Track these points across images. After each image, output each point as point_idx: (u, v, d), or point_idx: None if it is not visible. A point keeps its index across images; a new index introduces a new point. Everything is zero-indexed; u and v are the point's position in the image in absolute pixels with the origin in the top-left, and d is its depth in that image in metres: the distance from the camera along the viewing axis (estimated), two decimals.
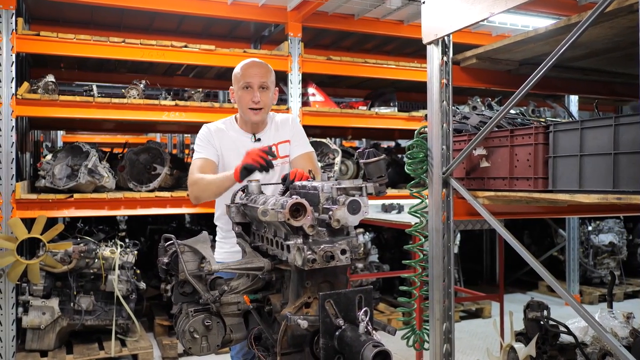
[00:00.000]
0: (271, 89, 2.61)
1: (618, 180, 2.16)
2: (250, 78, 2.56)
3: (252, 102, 2.55)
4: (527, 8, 4.75)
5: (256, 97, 2.54)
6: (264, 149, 2.27)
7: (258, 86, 2.55)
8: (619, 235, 6.81)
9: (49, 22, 5.51)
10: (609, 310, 3.23)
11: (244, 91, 2.57)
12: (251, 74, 2.57)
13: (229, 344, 2.01)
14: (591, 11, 1.96)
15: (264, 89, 2.57)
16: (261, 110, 2.57)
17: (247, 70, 2.58)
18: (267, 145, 2.49)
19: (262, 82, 2.56)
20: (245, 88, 2.57)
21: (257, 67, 2.60)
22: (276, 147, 2.61)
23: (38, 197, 4.22)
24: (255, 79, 2.56)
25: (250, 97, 2.55)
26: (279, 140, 2.66)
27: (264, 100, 2.57)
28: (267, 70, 2.61)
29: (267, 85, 2.58)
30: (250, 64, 2.62)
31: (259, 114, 2.58)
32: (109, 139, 10.83)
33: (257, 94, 2.54)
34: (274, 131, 2.68)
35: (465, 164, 3.02)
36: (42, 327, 4.19)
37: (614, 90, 3.55)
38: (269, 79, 2.59)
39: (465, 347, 4.88)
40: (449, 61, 2.88)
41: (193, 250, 1.97)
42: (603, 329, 2.03)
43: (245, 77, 2.57)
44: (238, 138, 2.64)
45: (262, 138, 2.65)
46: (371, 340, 1.51)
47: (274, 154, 2.37)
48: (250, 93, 2.55)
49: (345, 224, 1.67)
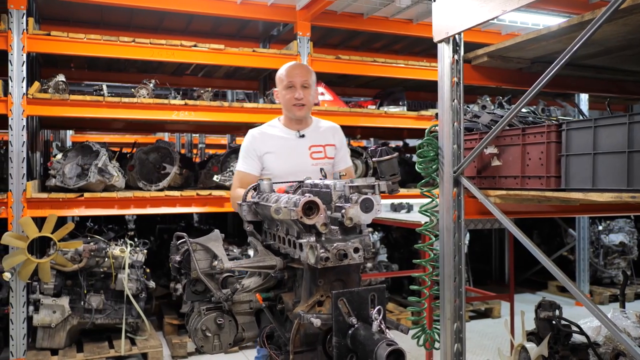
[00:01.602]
0: (312, 89, 2.86)
1: (632, 179, 2.14)
2: (293, 78, 2.82)
3: (295, 99, 2.80)
4: (539, 6, 4.72)
5: (299, 94, 2.80)
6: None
7: (300, 85, 2.80)
8: (629, 235, 6.75)
9: (60, 22, 5.54)
10: (621, 310, 3.20)
11: (288, 90, 2.83)
12: (294, 74, 2.83)
13: (240, 342, 2.01)
14: (605, 8, 1.94)
15: (305, 87, 2.82)
16: (304, 106, 2.83)
17: (290, 71, 2.85)
18: (317, 143, 2.86)
19: (304, 81, 2.81)
20: (288, 87, 2.83)
21: (299, 68, 2.89)
22: (323, 148, 2.88)
23: (48, 196, 4.24)
24: (298, 78, 2.81)
25: (293, 95, 2.81)
26: (323, 142, 2.91)
27: (306, 98, 2.82)
28: (308, 71, 2.89)
29: (309, 85, 2.83)
30: (294, 65, 2.90)
31: (302, 109, 2.83)
32: (118, 138, 10.86)
33: (300, 91, 2.80)
34: (317, 132, 2.93)
35: (476, 162, 3.00)
36: (53, 325, 4.22)
37: (625, 89, 3.52)
38: (310, 79, 2.85)
39: (475, 346, 4.86)
40: (460, 59, 2.86)
41: (205, 249, 1.97)
42: (617, 328, 2.01)
43: (289, 77, 2.83)
44: (283, 136, 2.89)
45: (306, 134, 2.89)
46: (385, 339, 1.50)
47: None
48: (293, 91, 2.81)
49: (358, 222, 1.66)
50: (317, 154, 2.87)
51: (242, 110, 4.95)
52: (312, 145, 2.89)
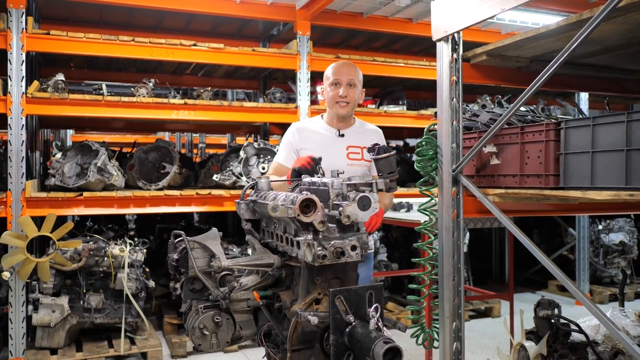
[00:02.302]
0: (358, 88, 2.86)
1: (630, 177, 2.14)
2: (339, 75, 2.83)
3: (339, 97, 2.81)
4: (538, 5, 4.72)
5: (343, 92, 2.80)
6: (312, 156, 2.44)
7: (346, 83, 2.81)
8: (629, 234, 6.75)
9: (59, 21, 5.55)
10: (620, 309, 3.20)
11: (333, 87, 2.83)
12: (341, 71, 2.84)
13: (238, 340, 2.01)
14: (604, 6, 1.94)
15: (351, 86, 2.82)
16: (347, 104, 2.83)
17: (337, 69, 2.86)
18: (356, 144, 2.85)
19: (350, 80, 2.82)
20: (334, 85, 2.83)
21: (347, 66, 2.88)
22: (361, 150, 2.83)
23: (48, 195, 4.24)
24: (344, 76, 2.82)
25: (338, 92, 2.81)
26: (362, 144, 2.82)
27: (351, 96, 2.83)
28: (354, 70, 2.87)
29: (355, 83, 2.83)
30: (341, 63, 2.90)
31: (345, 107, 2.83)
32: (117, 138, 10.88)
33: (345, 89, 2.80)
34: (358, 133, 2.91)
35: (475, 161, 3.00)
36: (52, 325, 4.21)
37: (625, 88, 3.52)
38: (356, 78, 2.85)
39: (475, 346, 4.86)
40: (459, 58, 2.86)
41: (203, 247, 1.97)
42: (616, 327, 2.01)
43: (335, 74, 2.84)
44: (322, 133, 2.89)
45: (346, 134, 2.89)
46: (382, 337, 1.50)
47: (319, 162, 2.49)
48: (338, 89, 2.82)
49: (355, 220, 1.66)
50: (354, 154, 2.85)
51: (241, 110, 4.95)
52: (350, 145, 2.87)
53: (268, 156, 4.79)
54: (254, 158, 4.77)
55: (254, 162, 4.76)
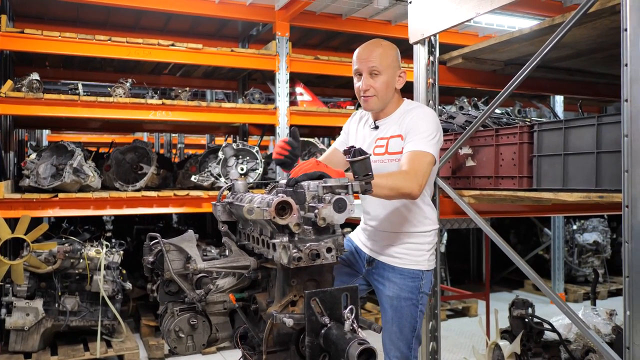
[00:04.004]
0: (386, 73, 2.33)
1: (600, 179, 2.19)
2: (358, 64, 2.37)
3: (360, 90, 2.36)
4: (513, 9, 4.78)
5: (365, 84, 2.33)
6: (285, 139, 2.23)
7: (368, 72, 2.33)
8: (603, 234, 6.88)
9: (34, 20, 5.45)
10: (592, 307, 3.27)
11: (357, 78, 2.39)
12: (359, 58, 2.37)
13: (214, 343, 2.00)
14: (575, 12, 1.99)
15: (375, 74, 2.33)
16: (371, 97, 2.35)
17: (356, 56, 2.39)
18: (384, 136, 2.38)
19: (372, 67, 2.32)
20: (357, 76, 2.39)
21: (366, 50, 2.37)
22: (387, 141, 2.38)
23: (22, 196, 4.17)
24: (363, 64, 2.34)
25: (359, 86, 2.37)
26: (389, 133, 2.38)
27: (375, 86, 2.33)
28: (378, 52, 2.34)
29: (379, 70, 2.32)
30: (363, 46, 2.40)
31: (369, 101, 2.36)
32: (95, 138, 10.74)
33: (365, 80, 2.33)
34: (395, 121, 2.38)
35: (451, 163, 3.04)
36: (26, 328, 4.15)
37: (597, 91, 3.60)
38: (380, 63, 2.32)
39: (452, 345, 4.91)
40: (435, 61, 2.89)
41: (179, 249, 1.96)
42: (585, 326, 2.05)
43: (354, 63, 2.39)
44: (365, 125, 2.51)
45: (381, 126, 2.42)
46: (356, 338, 1.51)
47: (294, 144, 2.26)
48: (360, 80, 2.36)
49: (331, 222, 1.67)
50: (378, 148, 2.40)
51: (220, 110, 4.93)
52: (378, 138, 2.42)
53: (247, 157, 4.78)
54: (233, 159, 4.76)
55: (233, 163, 4.74)
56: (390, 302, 2.36)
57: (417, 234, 2.37)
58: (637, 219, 1.78)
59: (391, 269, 2.38)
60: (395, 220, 2.37)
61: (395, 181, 2.09)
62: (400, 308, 2.34)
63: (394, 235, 2.38)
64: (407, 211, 2.36)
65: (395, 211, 2.36)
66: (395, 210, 2.36)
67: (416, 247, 2.37)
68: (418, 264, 2.36)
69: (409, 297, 2.34)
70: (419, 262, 2.36)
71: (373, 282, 2.48)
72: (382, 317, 2.43)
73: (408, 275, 2.35)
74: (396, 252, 2.37)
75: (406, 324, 2.35)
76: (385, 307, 2.39)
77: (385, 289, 2.39)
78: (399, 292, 2.34)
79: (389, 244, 2.39)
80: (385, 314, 2.40)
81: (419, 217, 2.36)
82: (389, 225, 2.39)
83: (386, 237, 2.40)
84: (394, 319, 2.36)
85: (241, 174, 4.68)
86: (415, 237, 2.37)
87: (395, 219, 2.37)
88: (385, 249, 2.40)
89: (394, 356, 2.36)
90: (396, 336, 2.35)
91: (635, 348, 1.80)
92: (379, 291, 2.44)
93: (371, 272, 2.47)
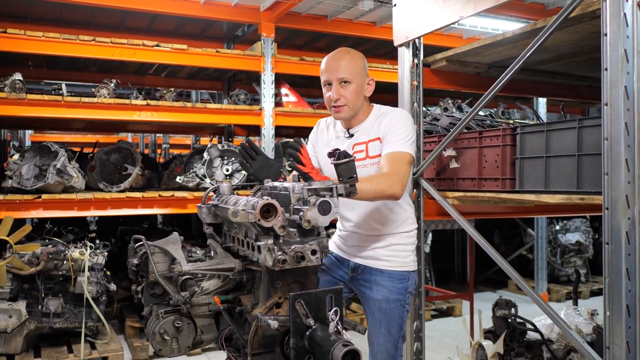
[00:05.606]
0: (356, 82, 2.33)
1: (581, 181, 2.22)
2: (327, 74, 2.35)
3: (331, 101, 2.35)
4: (497, 12, 4.84)
5: (334, 94, 2.33)
6: (243, 142, 2.23)
7: (338, 82, 2.32)
8: (585, 234, 6.97)
9: (17, 19, 5.39)
10: (574, 307, 3.31)
11: (326, 88, 2.38)
12: (328, 69, 2.35)
13: (199, 345, 2.00)
14: (556, 16, 2.02)
15: (346, 83, 2.32)
16: (343, 107, 2.34)
17: (324, 66, 2.37)
18: (361, 141, 2.37)
19: (341, 77, 2.31)
20: (326, 85, 2.37)
21: (334, 60, 2.36)
22: (366, 146, 2.38)
23: (4, 197, 4.12)
24: (332, 74, 2.33)
25: (329, 96, 2.35)
26: (367, 138, 2.38)
27: (346, 95, 2.32)
28: (346, 61, 2.33)
29: (348, 79, 2.31)
30: (329, 57, 2.38)
31: (340, 111, 2.35)
32: (79, 138, 10.63)
33: (336, 89, 2.33)
34: (371, 126, 2.39)
35: (435, 164, 3.06)
36: (9, 330, 4.10)
37: (579, 93, 3.65)
38: (349, 72, 2.32)
39: (437, 345, 4.94)
40: (420, 63, 2.92)
41: (163, 251, 1.96)
42: (567, 326, 2.08)
43: (322, 74, 2.37)
44: (335, 133, 2.50)
45: (356, 134, 2.42)
46: (341, 340, 1.52)
47: (254, 146, 2.27)
48: (329, 90, 2.35)
49: (315, 224, 1.68)
50: (358, 153, 2.38)
51: (205, 111, 4.92)
52: (355, 143, 2.41)
53: (232, 158, 4.77)
54: (218, 160, 4.75)
55: (218, 164, 4.73)
56: (379, 305, 2.37)
57: (400, 235, 2.39)
58: (617, 221, 1.82)
59: (379, 272, 2.39)
60: (378, 221, 2.38)
61: (379, 183, 2.12)
62: (389, 310, 2.36)
63: (378, 237, 2.39)
64: (389, 211, 2.38)
65: (378, 212, 2.38)
66: (377, 212, 2.38)
67: (402, 247, 2.39)
68: (405, 265, 2.38)
69: (397, 299, 2.36)
70: (406, 264, 2.39)
71: (359, 288, 2.47)
72: (369, 320, 2.44)
73: (397, 277, 2.36)
74: (383, 255, 2.38)
75: (394, 325, 2.36)
76: (373, 311, 2.39)
77: (373, 292, 2.39)
78: (388, 294, 2.36)
79: (374, 246, 2.40)
80: (372, 317, 2.41)
81: (402, 217, 2.39)
82: (373, 228, 2.40)
83: (371, 239, 2.40)
84: (382, 321, 2.37)
85: (226, 175, 4.67)
86: (400, 237, 2.39)
87: (379, 220, 2.38)
88: (371, 253, 2.41)
89: (382, 357, 2.38)
90: (384, 338, 2.37)
91: (615, 348, 1.83)
92: (364, 295, 2.44)
93: (356, 279, 2.46)
